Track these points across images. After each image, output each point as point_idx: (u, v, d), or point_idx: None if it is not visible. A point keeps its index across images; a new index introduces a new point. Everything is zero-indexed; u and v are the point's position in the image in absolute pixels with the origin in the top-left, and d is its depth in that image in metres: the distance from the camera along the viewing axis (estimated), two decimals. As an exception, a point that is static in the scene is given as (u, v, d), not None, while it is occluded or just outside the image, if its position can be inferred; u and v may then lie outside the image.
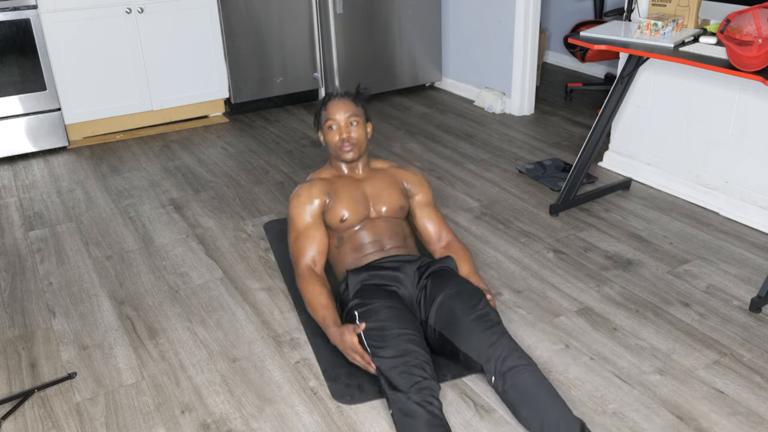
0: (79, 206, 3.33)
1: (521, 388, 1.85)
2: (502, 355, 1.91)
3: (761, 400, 1.97)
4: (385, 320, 2.01)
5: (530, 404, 1.83)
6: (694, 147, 3.12)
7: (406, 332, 1.98)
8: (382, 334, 1.98)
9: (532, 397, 1.84)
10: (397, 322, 2.01)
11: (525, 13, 4.18)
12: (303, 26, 4.53)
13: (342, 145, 2.35)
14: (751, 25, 2.37)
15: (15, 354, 2.27)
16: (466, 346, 1.98)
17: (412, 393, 1.82)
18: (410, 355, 1.91)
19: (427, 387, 1.84)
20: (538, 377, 1.87)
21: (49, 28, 3.83)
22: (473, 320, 2.00)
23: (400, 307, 2.08)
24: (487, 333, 1.96)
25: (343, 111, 2.36)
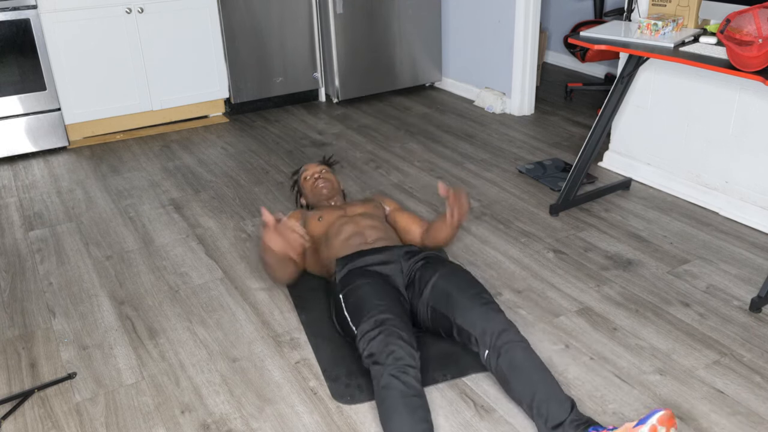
0: (79, 206, 3.33)
1: (515, 363, 1.89)
2: (498, 329, 1.95)
3: (761, 400, 1.97)
4: (364, 294, 2.09)
5: (522, 378, 1.87)
6: (694, 147, 3.12)
7: (383, 303, 2.04)
8: (360, 305, 2.06)
9: (524, 371, 1.88)
10: (374, 294, 2.08)
11: (525, 13, 4.18)
12: (303, 26, 4.53)
13: (316, 182, 2.73)
14: (751, 25, 2.37)
15: (15, 354, 2.28)
16: (461, 318, 2.03)
17: (389, 364, 1.86)
18: (386, 324, 1.95)
19: (402, 356, 1.88)
20: (531, 354, 1.92)
21: (49, 28, 3.83)
22: (470, 296, 2.06)
23: (380, 282, 2.15)
24: (483, 308, 2.02)
25: (315, 166, 2.83)
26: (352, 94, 4.71)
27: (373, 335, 1.94)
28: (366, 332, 1.97)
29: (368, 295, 2.08)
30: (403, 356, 1.88)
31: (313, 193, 2.74)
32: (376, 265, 2.25)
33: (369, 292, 2.09)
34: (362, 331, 1.99)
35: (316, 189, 2.72)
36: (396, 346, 1.90)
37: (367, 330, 1.97)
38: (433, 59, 4.91)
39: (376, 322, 1.97)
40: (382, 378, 1.85)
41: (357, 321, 2.04)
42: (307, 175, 2.80)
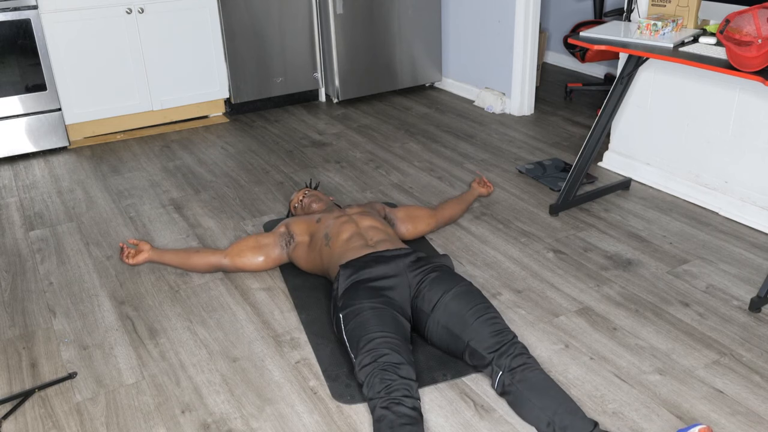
0: (79, 206, 3.33)
1: (534, 382, 1.88)
2: (515, 352, 1.95)
3: (761, 400, 1.97)
4: (365, 321, 2.03)
5: (543, 396, 1.85)
6: (693, 147, 3.12)
7: (383, 334, 1.98)
8: (359, 333, 2.00)
9: (545, 390, 1.86)
10: (375, 323, 2.01)
11: (525, 13, 4.18)
12: (303, 26, 4.53)
13: (303, 201, 2.78)
14: (750, 26, 2.37)
15: (15, 354, 2.28)
16: (476, 341, 2.00)
17: (382, 397, 1.84)
18: (383, 359, 1.91)
19: (397, 389, 1.85)
20: (549, 377, 1.92)
21: (50, 28, 3.83)
22: (484, 320, 2.03)
23: (383, 308, 2.07)
24: (499, 331, 2.01)
25: (298, 192, 2.86)
26: (352, 94, 4.71)
27: (370, 370, 1.90)
28: (364, 366, 1.93)
29: (369, 324, 2.01)
30: (398, 388, 1.85)
31: (304, 212, 2.77)
32: (381, 279, 2.18)
33: (370, 319, 2.03)
34: (360, 363, 1.94)
35: (306, 206, 2.77)
36: (391, 380, 1.86)
37: (365, 364, 1.92)
38: (433, 59, 4.91)
39: (374, 357, 1.92)
40: (374, 411, 1.83)
41: (355, 350, 1.99)
42: (294, 202, 2.84)
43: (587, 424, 1.79)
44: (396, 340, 1.98)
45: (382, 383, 1.86)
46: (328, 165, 3.72)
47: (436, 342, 2.14)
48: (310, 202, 2.77)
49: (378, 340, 1.96)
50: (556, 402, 1.83)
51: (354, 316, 2.05)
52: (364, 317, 2.04)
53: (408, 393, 1.85)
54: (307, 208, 2.77)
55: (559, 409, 1.81)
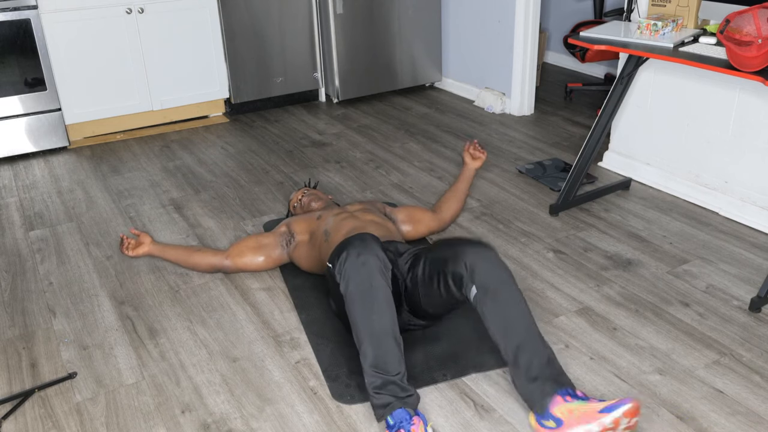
0: (79, 206, 3.33)
1: (499, 308, 1.90)
2: (487, 268, 1.93)
3: (761, 400, 1.97)
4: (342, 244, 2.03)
5: (507, 327, 1.89)
6: (693, 147, 3.12)
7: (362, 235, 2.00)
8: (337, 247, 2.01)
9: (509, 320, 1.89)
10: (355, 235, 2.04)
11: (525, 13, 4.18)
12: (303, 26, 4.53)
13: (302, 200, 2.78)
14: (750, 26, 2.37)
15: (15, 354, 2.28)
16: (453, 263, 1.98)
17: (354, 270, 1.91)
18: (355, 245, 1.95)
19: (369, 271, 1.91)
20: (517, 301, 1.92)
21: (50, 28, 3.83)
22: (458, 242, 2.03)
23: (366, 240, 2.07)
24: (473, 246, 1.98)
25: (297, 192, 2.86)
26: (352, 94, 4.71)
27: (345, 257, 1.94)
28: (342, 260, 1.95)
29: (346, 239, 2.03)
30: (375, 264, 1.92)
31: (304, 211, 2.77)
32: None
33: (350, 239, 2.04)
34: (334, 258, 1.97)
35: (306, 205, 2.77)
36: (367, 261, 1.92)
37: (343, 259, 1.95)
38: (433, 59, 4.91)
39: (349, 251, 1.95)
40: (358, 287, 1.89)
41: (333, 260, 2.01)
42: (293, 201, 2.85)
43: (540, 363, 1.85)
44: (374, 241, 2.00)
45: (362, 265, 1.91)
46: (328, 165, 3.72)
47: (422, 298, 2.11)
48: (309, 200, 2.77)
49: (356, 242, 1.98)
50: (515, 338, 1.88)
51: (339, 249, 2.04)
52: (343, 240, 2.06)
53: (385, 275, 1.93)
54: (306, 207, 2.77)
55: (519, 347, 1.87)
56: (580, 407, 1.74)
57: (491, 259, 1.95)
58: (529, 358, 1.85)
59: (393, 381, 1.86)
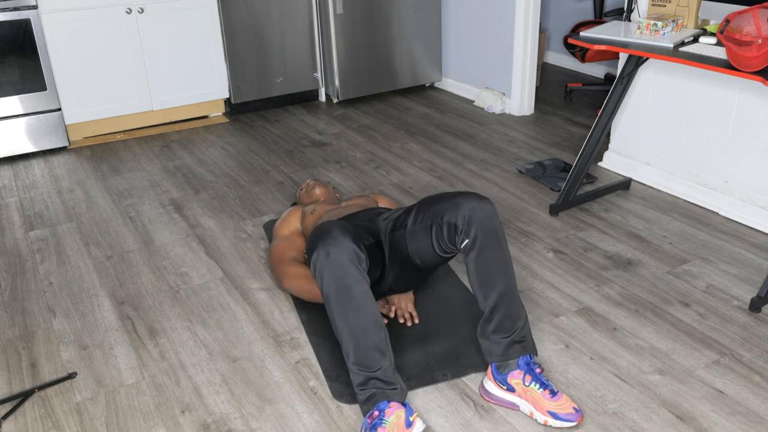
0: (79, 206, 3.33)
1: (484, 265, 1.97)
2: (478, 217, 1.96)
3: (761, 400, 1.97)
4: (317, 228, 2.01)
5: (488, 285, 1.97)
6: (693, 147, 3.12)
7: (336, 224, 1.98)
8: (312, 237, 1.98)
9: (492, 279, 1.97)
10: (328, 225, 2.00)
11: (525, 13, 4.18)
12: (303, 26, 4.53)
13: (307, 187, 2.82)
14: (750, 26, 2.37)
15: (15, 354, 2.28)
16: (449, 213, 2.00)
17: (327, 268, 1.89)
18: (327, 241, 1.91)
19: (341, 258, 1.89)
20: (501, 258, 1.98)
21: (50, 28, 3.83)
22: (449, 193, 2.05)
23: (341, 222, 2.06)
24: (464, 195, 2.01)
25: (307, 181, 2.89)
26: (352, 94, 4.71)
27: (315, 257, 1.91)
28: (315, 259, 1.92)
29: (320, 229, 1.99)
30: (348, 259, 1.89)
31: (308, 197, 2.80)
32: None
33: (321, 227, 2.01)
34: (312, 260, 1.94)
35: (310, 192, 2.80)
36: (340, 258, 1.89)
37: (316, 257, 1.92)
38: (433, 59, 4.91)
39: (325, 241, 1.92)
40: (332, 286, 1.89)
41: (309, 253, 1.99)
42: (301, 187, 2.91)
43: (510, 326, 1.97)
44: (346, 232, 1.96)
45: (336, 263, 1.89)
46: (328, 165, 3.72)
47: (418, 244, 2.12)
48: (313, 185, 2.82)
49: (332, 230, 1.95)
50: (494, 299, 1.97)
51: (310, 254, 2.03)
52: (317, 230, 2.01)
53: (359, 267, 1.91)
54: (311, 193, 2.80)
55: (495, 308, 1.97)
56: (533, 391, 1.90)
57: (488, 212, 1.99)
58: (502, 318, 1.97)
59: (375, 376, 1.89)
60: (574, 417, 1.86)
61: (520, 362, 1.95)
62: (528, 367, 1.93)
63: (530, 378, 1.91)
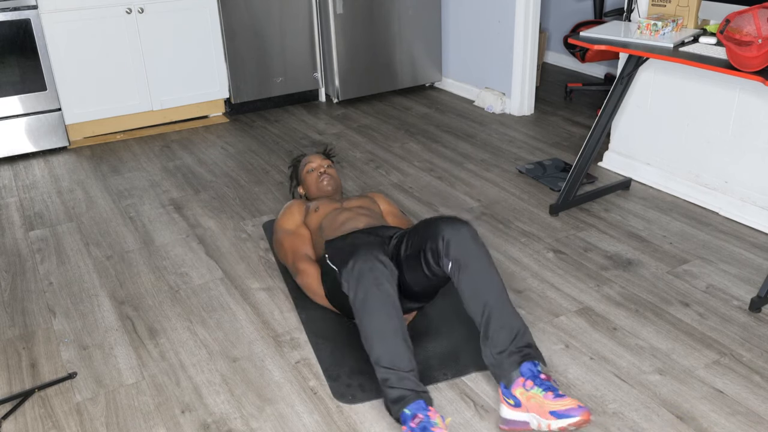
0: (79, 206, 3.33)
1: (473, 282, 1.98)
2: (459, 239, 2.01)
3: (761, 400, 1.97)
4: (343, 246, 2.17)
5: (479, 301, 1.97)
6: (693, 147, 3.12)
7: (359, 242, 2.12)
8: (341, 256, 2.10)
9: (481, 294, 1.96)
10: (353, 242, 2.15)
11: (525, 13, 4.18)
12: (303, 26, 4.53)
13: (321, 178, 2.76)
14: (750, 26, 2.37)
15: (15, 354, 2.28)
16: (431, 240, 2.06)
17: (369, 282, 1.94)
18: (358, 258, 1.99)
19: (375, 278, 1.95)
20: (490, 274, 1.99)
21: (50, 28, 3.83)
22: (433, 219, 2.12)
23: (362, 235, 2.21)
24: (446, 221, 2.07)
25: (319, 158, 2.86)
26: (352, 94, 4.71)
27: (352, 264, 1.98)
28: (347, 264, 2.00)
29: (349, 242, 2.16)
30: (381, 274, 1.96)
31: (317, 188, 2.77)
32: (366, 240, 2.32)
33: (351, 240, 2.20)
34: (343, 263, 2.02)
35: (321, 186, 2.76)
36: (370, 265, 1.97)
37: (350, 262, 1.99)
38: (433, 59, 4.91)
39: (356, 256, 2.00)
40: (360, 293, 1.93)
41: (339, 263, 2.09)
42: (312, 167, 2.82)
43: (508, 338, 1.92)
44: (375, 245, 2.09)
45: (370, 272, 1.96)
46: (328, 165, 3.73)
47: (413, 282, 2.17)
48: (327, 184, 2.75)
49: (359, 244, 2.06)
50: (486, 312, 1.95)
51: (339, 244, 2.20)
52: (350, 240, 2.21)
53: (392, 281, 1.98)
54: (321, 188, 2.75)
55: (489, 322, 1.94)
56: (536, 396, 1.81)
57: (465, 234, 2.02)
58: (496, 331, 1.94)
59: (407, 377, 1.87)
60: (576, 412, 1.75)
61: (523, 369, 1.88)
62: (531, 372, 1.87)
63: (531, 383, 1.84)
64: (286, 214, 2.67)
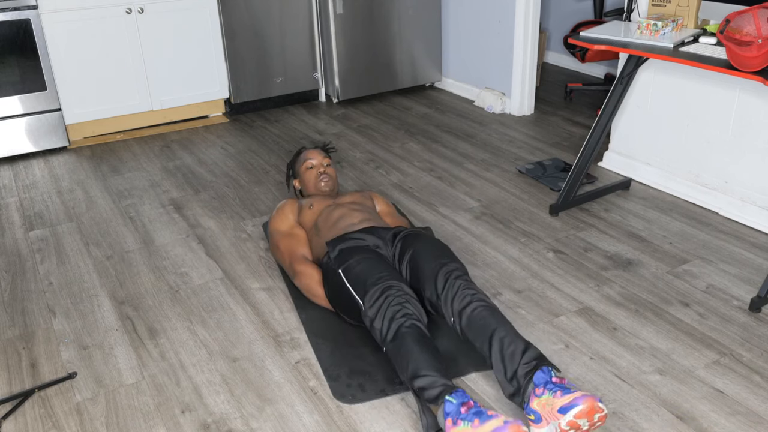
0: (79, 206, 3.33)
1: (473, 323, 1.99)
2: (465, 301, 2.04)
3: (761, 400, 1.97)
4: (366, 267, 2.17)
5: (481, 337, 1.96)
6: (693, 147, 3.12)
7: (385, 273, 2.13)
8: (363, 277, 2.14)
9: (482, 330, 1.97)
10: (375, 266, 2.17)
11: (525, 13, 4.18)
12: (303, 26, 4.53)
13: (320, 177, 2.75)
14: (750, 26, 2.37)
15: (15, 354, 2.28)
16: (428, 291, 2.13)
17: (398, 318, 1.98)
18: (392, 290, 2.06)
19: (412, 312, 2.02)
20: (488, 311, 2.00)
21: (50, 28, 3.83)
22: (438, 269, 2.15)
23: (377, 257, 2.22)
24: (450, 281, 2.10)
25: (318, 155, 2.85)
26: (352, 94, 4.71)
27: (378, 310, 2.03)
28: (375, 300, 2.05)
29: (369, 268, 2.16)
30: (413, 312, 2.02)
31: (315, 187, 2.78)
32: (368, 244, 2.33)
33: (370, 265, 2.18)
34: (371, 299, 2.07)
35: (319, 185, 2.77)
36: (398, 311, 2.01)
37: (376, 297, 2.06)
38: (433, 59, 4.91)
39: (383, 289, 2.07)
40: (398, 331, 1.96)
41: (362, 292, 2.11)
42: (311, 164, 2.82)
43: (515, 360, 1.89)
44: (395, 279, 2.13)
45: (397, 307, 2.01)
46: (328, 165, 3.73)
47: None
48: (324, 184, 2.75)
49: (385, 277, 2.11)
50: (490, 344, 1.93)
51: (355, 266, 2.19)
52: (366, 264, 2.18)
53: (419, 319, 2.01)
54: (318, 186, 2.76)
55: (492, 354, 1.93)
56: (547, 401, 1.76)
57: (464, 287, 2.07)
58: (500, 353, 1.91)
59: (444, 382, 1.83)
60: (579, 400, 1.69)
61: (536, 379, 1.81)
62: (543, 380, 1.80)
63: (542, 389, 1.78)
64: (279, 216, 2.67)
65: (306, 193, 2.83)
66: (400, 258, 2.30)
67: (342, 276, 2.20)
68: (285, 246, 2.57)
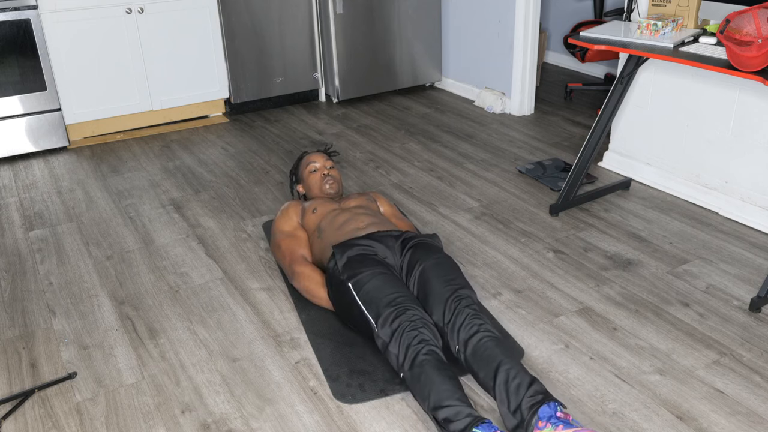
0: (79, 206, 3.33)
1: (478, 354, 1.96)
2: (471, 331, 2.01)
3: (761, 400, 1.97)
4: (378, 283, 2.13)
5: (486, 368, 1.92)
6: (693, 147, 3.12)
7: (398, 292, 2.10)
8: (375, 295, 2.10)
9: (487, 361, 1.93)
10: (387, 284, 2.13)
11: (525, 13, 4.18)
12: (303, 26, 4.53)
13: (324, 180, 2.75)
14: (750, 26, 2.37)
15: (15, 354, 2.28)
16: (436, 316, 2.10)
17: (414, 345, 1.95)
18: (404, 321, 2.02)
19: (429, 338, 1.98)
20: (494, 343, 1.97)
21: (50, 28, 3.83)
22: (447, 295, 2.11)
23: (388, 273, 2.19)
24: (459, 308, 2.07)
25: (322, 158, 2.84)
26: (352, 94, 4.71)
27: (397, 325, 2.01)
28: (389, 323, 2.03)
29: (382, 286, 2.13)
30: (430, 338, 1.98)
31: (319, 190, 2.77)
32: (375, 252, 2.29)
33: (382, 282, 2.14)
34: (384, 321, 2.04)
35: (324, 188, 2.76)
36: (422, 330, 1.99)
37: (390, 321, 2.03)
38: (433, 59, 4.91)
39: (398, 312, 2.03)
40: (416, 358, 1.93)
41: (374, 312, 2.08)
42: (314, 168, 2.81)
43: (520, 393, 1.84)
44: (408, 300, 2.09)
45: (417, 335, 1.97)
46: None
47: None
48: (329, 187, 2.74)
49: (399, 298, 2.08)
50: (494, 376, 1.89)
51: (366, 281, 2.15)
52: (378, 281, 2.14)
53: (435, 344, 1.98)
54: (323, 189, 2.75)
55: (497, 385, 1.88)
56: None
57: (472, 316, 2.05)
58: (503, 385, 1.86)
59: (469, 413, 1.80)
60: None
61: (541, 413, 1.78)
62: (547, 414, 1.77)
63: (544, 422, 1.75)
64: (283, 216, 2.68)
65: (310, 197, 2.81)
66: (408, 270, 2.26)
67: (352, 290, 2.17)
68: (286, 246, 2.57)
